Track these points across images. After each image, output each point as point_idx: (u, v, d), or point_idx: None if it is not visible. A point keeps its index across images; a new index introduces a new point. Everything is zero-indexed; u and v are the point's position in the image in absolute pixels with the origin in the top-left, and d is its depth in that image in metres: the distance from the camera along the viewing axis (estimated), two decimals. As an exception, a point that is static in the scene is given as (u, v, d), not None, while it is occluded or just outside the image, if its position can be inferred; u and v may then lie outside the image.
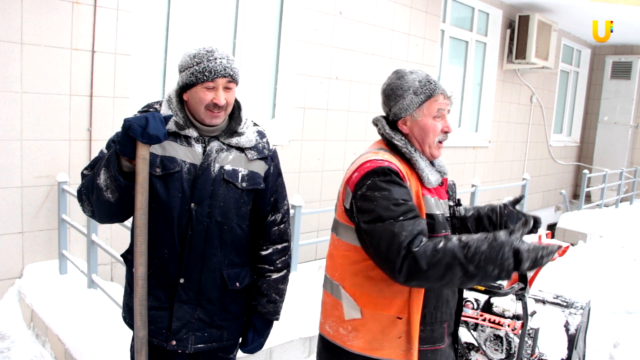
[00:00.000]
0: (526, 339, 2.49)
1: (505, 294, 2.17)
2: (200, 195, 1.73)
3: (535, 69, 8.31)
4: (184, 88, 1.73)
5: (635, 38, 9.93)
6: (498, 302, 2.53)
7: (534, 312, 2.71)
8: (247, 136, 1.82)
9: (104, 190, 1.64)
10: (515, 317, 2.45)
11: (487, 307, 2.54)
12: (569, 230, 7.71)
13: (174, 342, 1.77)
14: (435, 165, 1.82)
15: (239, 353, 2.00)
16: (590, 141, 11.27)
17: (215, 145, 1.77)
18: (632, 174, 10.32)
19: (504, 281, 1.91)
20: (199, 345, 1.80)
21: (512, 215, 2.01)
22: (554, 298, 2.87)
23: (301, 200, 4.09)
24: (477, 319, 2.50)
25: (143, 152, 1.59)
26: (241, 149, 1.81)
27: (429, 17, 6.53)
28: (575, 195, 10.93)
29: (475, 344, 2.59)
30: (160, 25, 4.36)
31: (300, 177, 5.39)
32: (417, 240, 1.52)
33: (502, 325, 2.44)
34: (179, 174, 1.72)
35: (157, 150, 1.71)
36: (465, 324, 2.55)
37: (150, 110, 1.78)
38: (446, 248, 1.49)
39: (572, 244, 6.98)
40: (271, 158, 1.88)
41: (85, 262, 3.68)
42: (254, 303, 1.92)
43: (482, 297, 2.55)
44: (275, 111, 5.31)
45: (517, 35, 7.89)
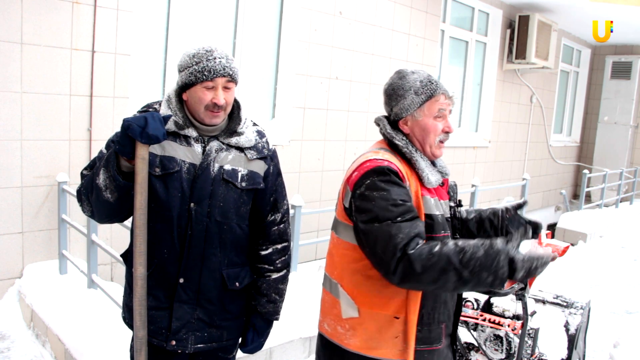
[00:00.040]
0: (526, 339, 2.48)
1: (505, 294, 2.17)
2: (199, 195, 1.73)
3: (535, 69, 8.30)
4: (183, 88, 1.73)
5: (635, 38, 9.93)
6: (498, 302, 2.53)
7: (534, 312, 2.70)
8: (247, 136, 1.82)
9: (103, 190, 1.64)
10: (515, 317, 2.45)
11: (487, 307, 2.54)
12: (569, 230, 7.71)
13: (174, 342, 1.77)
14: (436, 165, 1.81)
15: (239, 353, 1.99)
16: (590, 141, 11.27)
17: (214, 145, 1.77)
18: (632, 174, 10.32)
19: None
20: (198, 345, 1.80)
21: (514, 220, 2.00)
22: (554, 298, 2.87)
23: (301, 200, 4.09)
24: (477, 319, 2.50)
25: (142, 152, 1.58)
26: (241, 149, 1.80)
27: (429, 17, 6.53)
28: (575, 195, 10.93)
29: (475, 344, 2.59)
30: (160, 25, 4.35)
31: (300, 177, 5.39)
32: (413, 242, 1.52)
33: (502, 325, 2.44)
34: (178, 173, 1.72)
35: (156, 150, 1.71)
36: (465, 324, 2.55)
37: (150, 110, 1.78)
38: (442, 252, 1.49)
39: (572, 244, 6.98)
40: (271, 158, 1.88)
41: (85, 262, 3.67)
42: (254, 303, 1.92)
43: (482, 297, 2.55)
44: (275, 111, 5.31)
45: (517, 35, 7.89)
